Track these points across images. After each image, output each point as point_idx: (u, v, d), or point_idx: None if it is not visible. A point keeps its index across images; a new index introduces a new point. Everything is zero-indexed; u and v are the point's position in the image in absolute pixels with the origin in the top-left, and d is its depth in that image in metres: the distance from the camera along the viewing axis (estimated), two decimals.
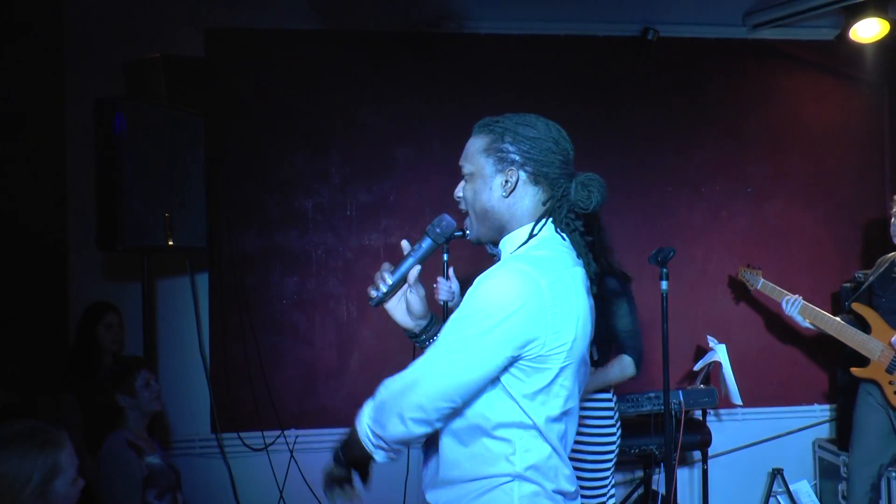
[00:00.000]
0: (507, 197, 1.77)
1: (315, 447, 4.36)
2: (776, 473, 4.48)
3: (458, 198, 1.87)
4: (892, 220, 3.84)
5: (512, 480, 1.70)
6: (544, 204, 1.78)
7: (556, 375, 1.69)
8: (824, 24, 4.63)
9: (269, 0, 4.24)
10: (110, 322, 3.84)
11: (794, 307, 4.02)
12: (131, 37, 4.17)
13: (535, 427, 1.69)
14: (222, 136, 4.26)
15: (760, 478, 4.67)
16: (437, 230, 1.90)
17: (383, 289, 1.94)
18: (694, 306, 4.62)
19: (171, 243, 3.65)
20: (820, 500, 4.57)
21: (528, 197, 1.77)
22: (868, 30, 4.35)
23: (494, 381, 1.67)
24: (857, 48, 4.58)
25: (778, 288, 4.16)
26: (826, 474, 4.60)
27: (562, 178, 1.78)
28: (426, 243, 1.91)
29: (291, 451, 4.34)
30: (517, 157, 1.76)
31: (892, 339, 3.76)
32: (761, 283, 4.23)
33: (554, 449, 1.73)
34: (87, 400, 3.54)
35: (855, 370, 3.90)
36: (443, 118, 4.47)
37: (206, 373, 4.27)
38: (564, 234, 1.79)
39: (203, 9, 4.27)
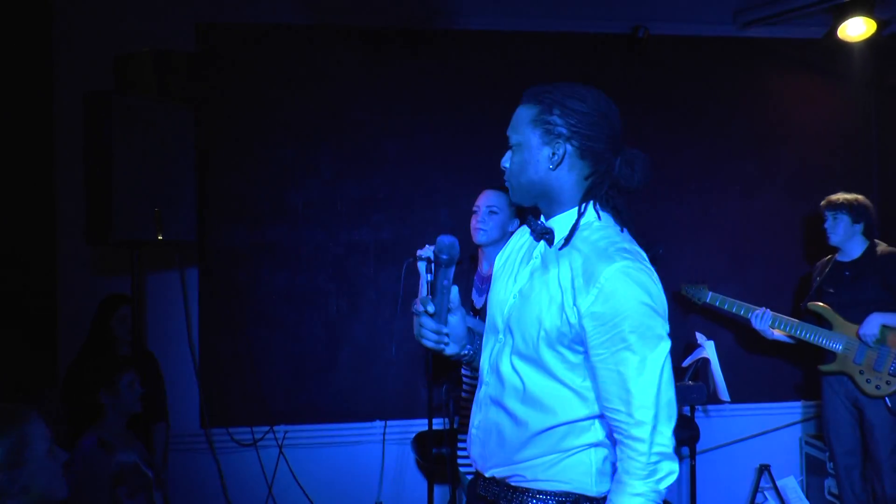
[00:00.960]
0: (553, 169, 1.77)
1: (304, 443, 4.36)
2: (763, 469, 4.52)
3: (505, 167, 1.86)
4: (825, 224, 4.05)
5: (590, 448, 1.75)
6: (587, 179, 1.78)
7: None
8: (813, 23, 4.65)
9: None
10: (124, 315, 3.82)
11: (765, 321, 4.07)
12: (121, 30, 4.14)
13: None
14: (213, 131, 4.25)
15: (748, 473, 4.70)
16: (445, 256, 1.84)
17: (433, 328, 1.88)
18: (682, 303, 4.64)
19: (160, 237, 3.63)
20: (807, 496, 4.60)
21: (574, 171, 1.78)
22: (855, 29, 4.38)
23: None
24: (845, 47, 4.61)
25: (738, 301, 4.19)
26: (813, 470, 4.64)
27: (608, 152, 1.78)
28: (445, 272, 1.86)
29: (280, 447, 4.33)
30: (564, 131, 1.75)
31: (858, 330, 3.86)
32: (710, 297, 4.26)
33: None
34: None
35: (823, 367, 4.01)
36: (434, 113, 4.47)
37: (195, 368, 4.26)
38: (604, 213, 1.81)
39: (193, 2, 4.25)
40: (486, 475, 1.86)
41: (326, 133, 4.41)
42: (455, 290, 1.88)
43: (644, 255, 1.77)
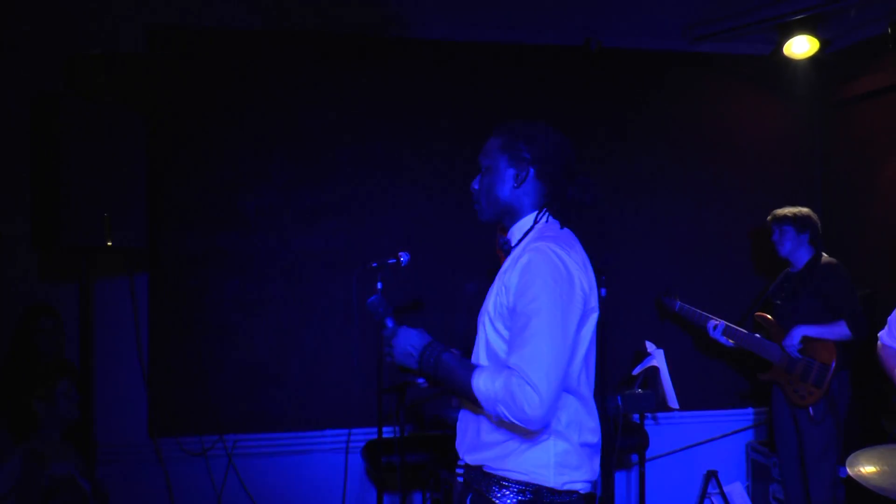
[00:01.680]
0: (517, 188, 2.08)
1: (254, 452, 4.31)
2: (711, 475, 4.60)
3: (474, 189, 2.16)
4: (773, 237, 4.16)
5: (549, 438, 1.92)
6: (544, 197, 2.10)
7: (585, 332, 1.98)
8: (760, 40, 4.76)
9: None
10: (42, 327, 3.73)
11: (718, 331, 4.23)
12: (70, 32, 4.06)
13: (568, 387, 1.93)
14: (164, 135, 4.19)
15: (696, 479, 4.78)
16: (381, 309, 2.11)
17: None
18: (634, 312, 4.71)
19: (110, 244, 3.56)
20: (752, 501, 4.71)
21: (534, 190, 2.10)
22: (800, 47, 4.50)
23: None
24: (791, 64, 4.73)
25: (701, 312, 4.34)
26: (758, 475, 4.74)
27: (562, 177, 2.11)
28: (383, 323, 2.11)
29: (230, 456, 4.28)
30: (528, 156, 2.08)
31: (783, 342, 3.99)
32: (679, 306, 4.42)
33: (581, 402, 1.97)
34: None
35: (760, 375, 4.15)
36: (387, 121, 4.47)
37: (143, 376, 4.19)
38: (553, 220, 2.11)
39: (145, 5, 4.19)
40: (463, 462, 2.08)
41: (279, 139, 4.38)
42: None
43: (570, 244, 2.02)
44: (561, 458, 1.92)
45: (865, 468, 2.37)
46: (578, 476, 1.95)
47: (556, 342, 1.83)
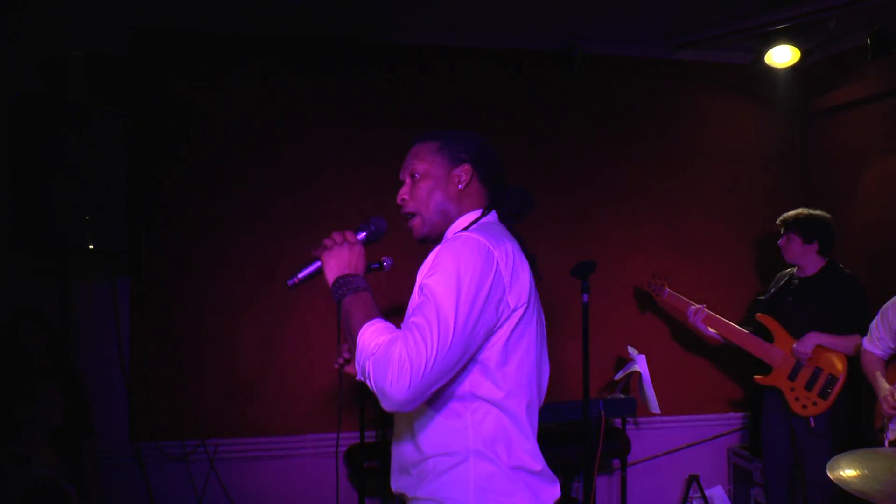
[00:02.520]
0: (462, 190, 1.93)
1: (236, 456, 4.29)
2: (692, 479, 4.62)
3: (404, 200, 1.97)
4: (780, 241, 4.10)
5: (468, 458, 1.70)
6: (487, 200, 1.98)
7: (514, 337, 1.75)
8: (741, 49, 4.82)
9: (197, 1, 4.18)
10: (25, 329, 3.70)
11: (699, 316, 4.21)
12: (51, 33, 4.03)
13: (488, 398, 1.73)
14: (146, 138, 4.17)
15: (677, 484, 4.81)
16: (373, 228, 2.00)
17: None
18: (615, 318, 4.73)
19: (90, 246, 3.53)
20: None
21: (476, 193, 1.96)
22: (781, 56, 4.55)
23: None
24: (772, 73, 4.79)
25: (684, 298, 4.33)
26: (739, 479, 4.77)
27: (500, 182, 2.00)
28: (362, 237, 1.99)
29: (211, 461, 4.26)
30: (466, 156, 1.94)
31: (794, 346, 3.94)
32: (667, 294, 4.40)
33: (510, 418, 1.74)
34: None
35: (758, 378, 4.08)
36: (368, 126, 4.47)
37: (125, 380, 4.15)
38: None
39: (128, 7, 4.16)
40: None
41: (262, 142, 4.37)
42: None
43: (506, 238, 1.84)
44: (484, 483, 1.68)
45: (846, 472, 2.36)
46: None
47: (451, 325, 1.61)
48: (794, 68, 4.69)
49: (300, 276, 1.92)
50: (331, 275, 1.86)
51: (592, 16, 4.33)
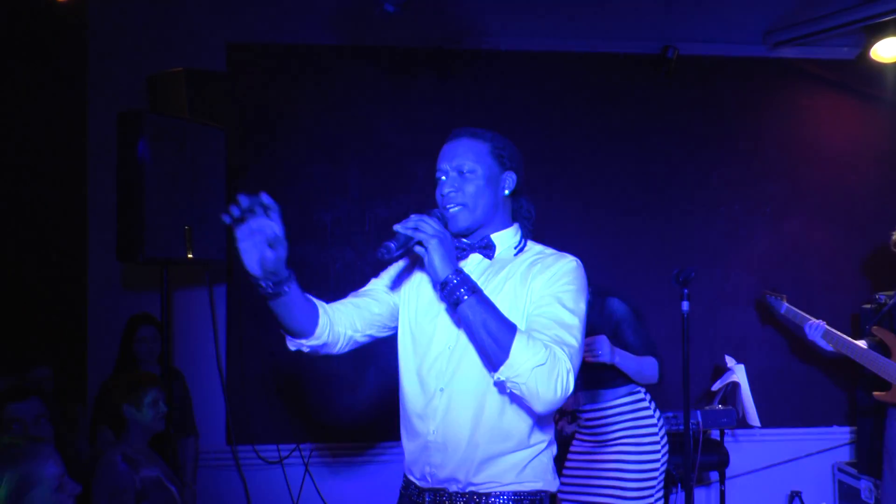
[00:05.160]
0: (508, 196, 2.04)
1: (330, 461, 4.35)
2: (795, 496, 4.43)
3: (450, 193, 1.99)
4: None
5: (548, 445, 1.98)
6: (516, 210, 2.09)
7: None
8: (845, 44, 4.62)
9: (290, 15, 4.28)
10: (143, 336, 3.86)
11: (818, 332, 3.98)
12: (153, 51, 4.21)
13: None
14: (243, 149, 4.28)
15: (779, 500, 4.62)
16: (437, 212, 1.99)
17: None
18: (712, 326, 4.59)
19: (190, 255, 3.65)
20: None
21: (510, 202, 2.07)
22: (888, 50, 4.35)
23: None
24: (878, 68, 4.58)
25: (801, 313, 4.12)
26: (845, 498, 4.54)
27: (522, 174, 2.08)
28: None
29: (306, 465, 4.33)
30: (510, 164, 2.03)
31: None
32: (785, 309, 4.19)
33: None
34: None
35: (878, 394, 3.86)
36: None
37: (222, 385, 4.27)
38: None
39: (225, 23, 4.31)
40: (453, 489, 2.00)
41: (355, 152, 4.44)
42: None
43: None
44: (551, 465, 1.98)
45: None
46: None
47: (582, 338, 1.84)
48: None
49: (391, 245, 1.83)
50: (443, 268, 1.81)
51: (688, 16, 4.24)
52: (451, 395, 1.93)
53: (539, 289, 1.89)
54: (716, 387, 4.31)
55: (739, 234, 4.69)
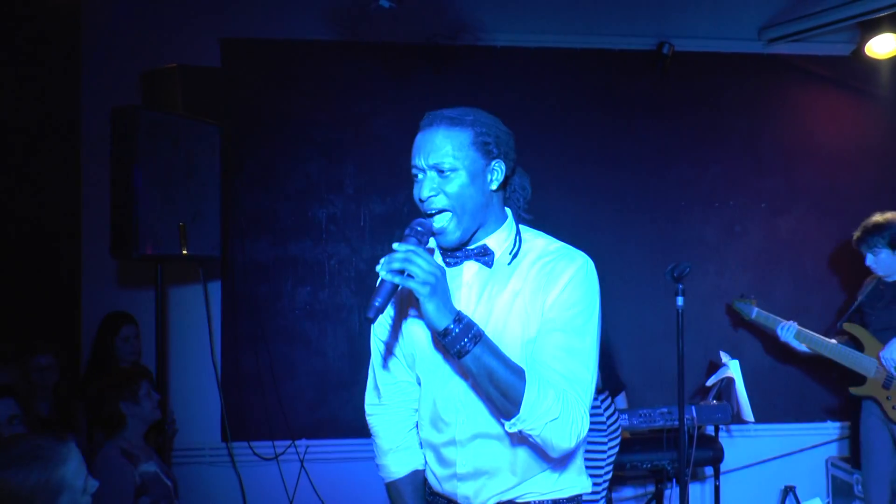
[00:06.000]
0: (496, 190, 1.78)
1: (325, 457, 4.36)
2: (789, 491, 4.45)
3: (431, 198, 1.73)
4: (866, 262, 3.89)
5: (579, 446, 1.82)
6: (508, 196, 1.86)
7: None
8: (840, 40, 4.63)
9: (284, 11, 4.27)
10: (127, 335, 3.86)
11: (790, 332, 4.01)
12: (147, 47, 4.19)
13: None
14: (238, 146, 4.28)
15: (773, 495, 4.63)
16: (420, 228, 1.70)
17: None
18: (707, 321, 4.60)
19: (185, 252, 3.65)
20: None
21: (502, 188, 1.82)
22: (883, 46, 4.36)
23: None
24: (873, 64, 4.59)
25: (772, 316, 4.15)
26: (839, 492, 4.56)
27: (512, 154, 1.84)
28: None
29: (302, 461, 4.33)
30: (496, 150, 1.77)
31: (880, 353, 3.78)
32: (756, 313, 4.21)
33: None
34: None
35: (853, 389, 3.92)
36: None
37: (217, 381, 4.27)
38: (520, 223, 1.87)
39: (219, 19, 4.29)
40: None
41: (350, 148, 4.43)
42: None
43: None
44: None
45: None
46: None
47: (595, 364, 1.72)
48: None
49: (378, 304, 1.58)
50: (441, 318, 1.59)
51: (683, 13, 4.24)
52: (477, 430, 1.78)
53: (547, 308, 1.71)
54: (710, 382, 4.32)
55: (734, 230, 4.69)
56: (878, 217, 3.88)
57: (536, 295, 1.72)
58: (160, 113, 3.61)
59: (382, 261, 1.59)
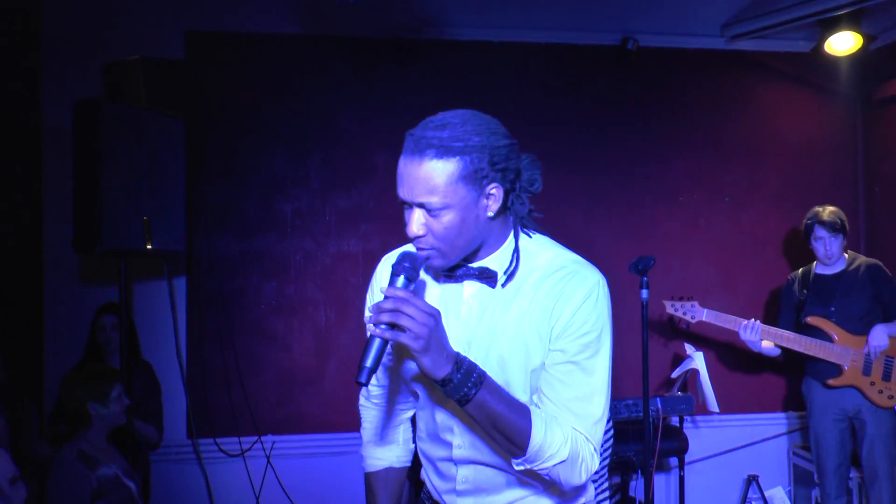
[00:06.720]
0: (493, 218, 1.60)
1: (292, 453, 4.34)
2: (751, 480, 4.52)
3: (420, 237, 1.58)
4: (831, 248, 3.98)
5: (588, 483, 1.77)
6: (509, 205, 1.63)
7: None
8: (800, 37, 4.70)
9: (250, 3, 4.23)
10: (103, 325, 3.84)
11: (755, 332, 3.97)
12: (110, 38, 4.13)
13: None
14: (202, 139, 4.23)
15: (736, 484, 4.71)
16: (407, 264, 1.56)
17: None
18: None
19: (149, 247, 3.61)
20: None
21: (500, 204, 1.60)
22: (842, 43, 4.42)
23: None
24: (832, 61, 4.66)
25: (726, 315, 4.07)
26: (800, 480, 4.66)
27: (515, 165, 1.61)
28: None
29: (268, 457, 4.31)
30: (489, 172, 1.55)
31: (869, 342, 3.86)
32: (705, 314, 4.10)
33: None
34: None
35: (832, 381, 3.94)
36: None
37: (182, 377, 4.22)
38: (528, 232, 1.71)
39: (183, 11, 4.24)
40: None
41: (316, 143, 4.41)
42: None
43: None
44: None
45: None
46: None
47: (606, 396, 1.61)
48: (855, 56, 4.54)
49: (369, 366, 1.53)
50: (438, 369, 1.47)
51: (648, 9, 4.27)
52: (476, 457, 1.71)
53: (555, 335, 1.58)
54: (675, 374, 4.37)
55: (698, 223, 4.75)
56: (830, 207, 4.03)
57: (544, 318, 1.59)
58: (123, 106, 3.55)
59: (369, 313, 1.47)
